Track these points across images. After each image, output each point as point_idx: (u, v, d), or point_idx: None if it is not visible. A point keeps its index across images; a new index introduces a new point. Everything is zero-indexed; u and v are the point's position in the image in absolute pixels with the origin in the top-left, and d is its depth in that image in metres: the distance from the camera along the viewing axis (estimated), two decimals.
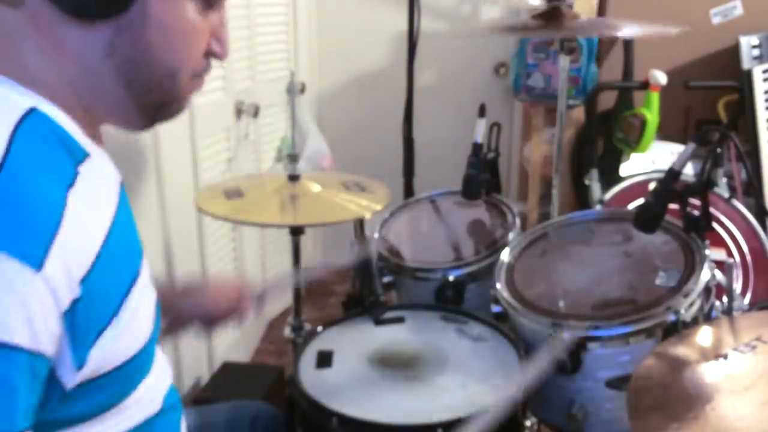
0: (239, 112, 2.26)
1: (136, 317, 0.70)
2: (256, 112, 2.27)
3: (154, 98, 0.71)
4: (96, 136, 0.72)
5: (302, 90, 2.58)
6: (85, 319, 0.61)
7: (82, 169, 0.66)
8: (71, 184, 0.63)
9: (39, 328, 0.56)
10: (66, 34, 0.65)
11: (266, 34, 2.50)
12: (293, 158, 1.67)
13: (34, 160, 0.61)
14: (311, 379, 1.08)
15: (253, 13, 2.39)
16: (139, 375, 0.74)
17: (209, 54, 0.74)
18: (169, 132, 1.74)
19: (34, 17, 0.64)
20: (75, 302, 0.60)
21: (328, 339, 1.21)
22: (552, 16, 1.50)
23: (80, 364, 0.62)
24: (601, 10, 2.47)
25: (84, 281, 0.60)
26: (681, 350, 0.93)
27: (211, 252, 2.14)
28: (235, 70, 2.26)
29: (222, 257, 2.25)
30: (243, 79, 2.34)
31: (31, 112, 0.63)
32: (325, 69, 2.99)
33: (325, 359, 1.14)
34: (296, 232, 1.69)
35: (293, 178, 1.64)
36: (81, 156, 0.67)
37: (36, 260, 0.56)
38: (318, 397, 1.02)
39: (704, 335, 0.96)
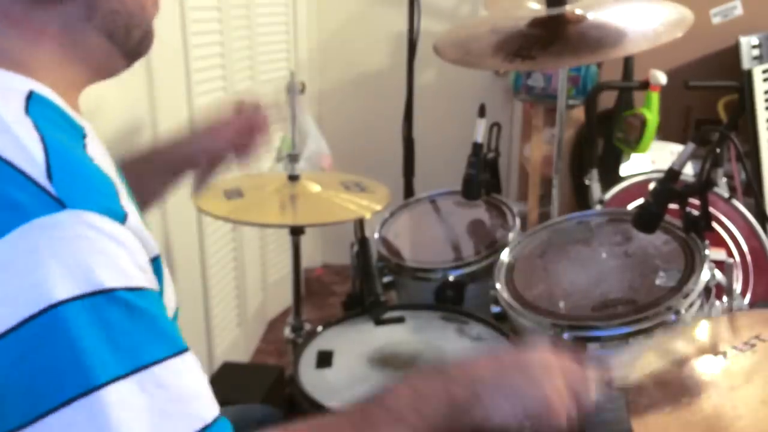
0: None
1: (170, 285, 0.73)
2: None
3: (132, 37, 0.73)
4: (76, 108, 0.73)
5: (302, 90, 2.57)
6: (159, 269, 0.65)
7: (87, 142, 0.67)
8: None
9: (147, 270, 0.60)
10: (43, 19, 0.66)
11: (266, 34, 2.50)
12: (293, 158, 1.67)
13: (60, 135, 0.62)
14: (311, 379, 1.08)
15: (253, 13, 2.39)
16: None
17: None
18: (169, 131, 1.75)
19: (5, 15, 0.65)
20: (156, 251, 0.64)
21: (328, 339, 1.21)
22: (554, 24, 1.31)
23: None
24: None
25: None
26: (680, 347, 0.93)
27: (211, 252, 2.14)
28: (235, 70, 2.26)
29: (222, 257, 2.25)
30: (243, 79, 2.34)
31: (31, 95, 0.63)
32: (325, 69, 2.99)
33: (325, 359, 1.14)
34: (296, 232, 1.69)
35: (293, 178, 1.64)
36: (82, 132, 0.68)
37: (119, 215, 0.59)
38: (318, 397, 1.02)
39: (703, 333, 0.96)
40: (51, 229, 0.54)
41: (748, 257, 1.62)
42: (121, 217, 0.59)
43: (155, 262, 0.64)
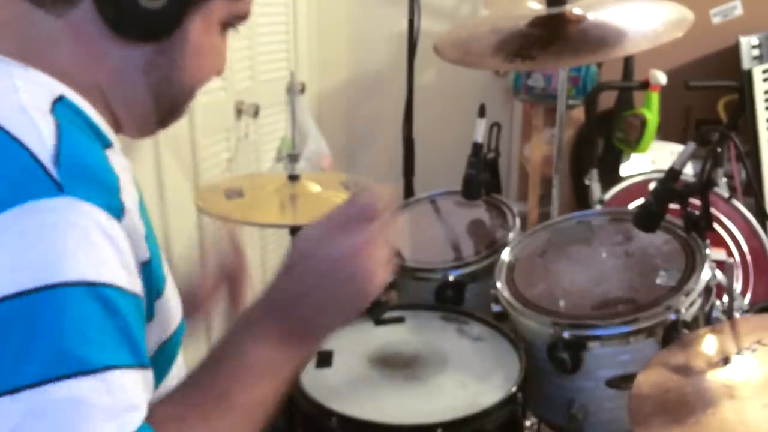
0: (239, 112, 2.26)
1: (174, 292, 0.74)
2: (256, 112, 2.27)
3: (172, 110, 0.76)
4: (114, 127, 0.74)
5: (302, 90, 2.58)
6: (153, 275, 0.66)
7: (109, 153, 0.68)
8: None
9: (133, 272, 0.60)
10: (106, 49, 0.67)
11: (266, 34, 2.50)
12: (293, 158, 1.67)
13: (78, 132, 0.63)
14: (311, 379, 1.08)
15: (253, 13, 2.38)
16: (171, 359, 0.77)
17: None
18: (169, 132, 1.74)
19: (75, 29, 0.66)
20: (149, 256, 0.65)
21: (328, 339, 1.20)
22: (554, 24, 1.32)
23: (150, 315, 0.66)
24: None
25: (146, 238, 0.65)
26: (682, 355, 0.93)
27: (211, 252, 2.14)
28: (235, 70, 2.26)
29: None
30: (243, 79, 2.34)
31: (61, 98, 0.64)
32: (325, 69, 2.99)
33: (325, 359, 1.14)
34: (296, 232, 1.69)
35: (293, 178, 1.64)
36: (108, 142, 0.69)
37: (118, 211, 0.59)
38: (318, 397, 1.02)
39: (705, 340, 0.96)
40: (45, 213, 0.54)
41: (748, 257, 1.62)
42: (119, 212, 0.59)
43: (145, 267, 0.64)
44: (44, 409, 0.52)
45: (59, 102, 0.64)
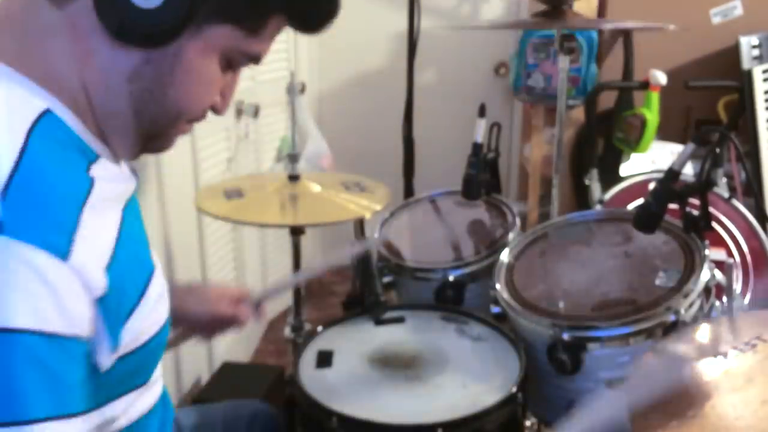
0: (239, 112, 2.26)
1: (161, 300, 0.74)
2: (256, 112, 2.27)
3: (152, 131, 0.72)
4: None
5: (302, 90, 2.58)
6: (116, 304, 0.64)
7: (94, 167, 0.67)
8: (87, 180, 0.65)
9: (73, 315, 0.58)
10: (98, 47, 0.65)
11: None
12: (293, 158, 1.67)
13: (50, 157, 0.62)
14: (311, 379, 1.08)
15: None
16: (156, 356, 0.77)
17: (211, 106, 0.76)
18: None
19: (72, 21, 0.65)
20: (105, 289, 0.61)
21: (328, 339, 1.21)
22: (553, 14, 1.48)
23: (115, 345, 0.65)
24: (601, 11, 2.47)
25: (109, 268, 0.62)
26: (680, 348, 0.93)
27: (211, 252, 2.14)
28: None
29: (222, 257, 2.25)
30: (243, 79, 2.33)
31: (45, 113, 0.64)
32: (325, 69, 2.99)
33: (325, 359, 1.14)
34: (296, 232, 1.69)
35: (293, 178, 1.64)
36: (93, 156, 0.68)
37: (63, 250, 0.57)
38: (318, 397, 1.02)
39: (704, 334, 0.96)
40: None
41: (748, 257, 1.62)
42: (64, 254, 0.57)
43: (101, 300, 0.62)
44: None
45: (43, 117, 0.63)
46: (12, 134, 0.60)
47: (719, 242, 1.62)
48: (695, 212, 1.14)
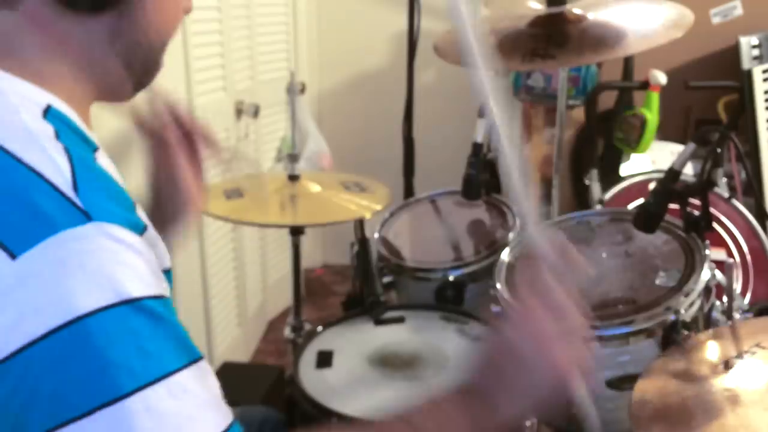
0: (239, 112, 2.26)
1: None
2: (256, 112, 2.27)
3: (147, 70, 0.74)
4: (87, 122, 0.73)
5: (302, 90, 2.58)
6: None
7: (98, 157, 0.68)
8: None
9: (161, 279, 0.62)
10: (68, 29, 0.65)
11: (266, 34, 2.50)
12: (293, 158, 1.67)
13: (79, 146, 0.63)
14: (311, 379, 1.08)
15: (253, 13, 2.39)
16: None
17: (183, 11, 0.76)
18: None
19: (32, 17, 0.64)
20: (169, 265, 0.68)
21: (328, 339, 1.21)
22: (553, 23, 1.31)
23: None
24: None
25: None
26: (683, 361, 0.93)
27: (211, 252, 2.14)
28: (235, 70, 2.26)
29: (222, 257, 2.25)
30: (243, 79, 2.34)
31: (48, 109, 0.64)
32: (325, 69, 2.99)
33: (325, 359, 1.14)
34: (296, 232, 1.69)
35: (293, 178, 1.64)
36: (94, 146, 0.69)
37: (140, 227, 0.61)
38: (318, 397, 1.02)
39: (705, 345, 0.96)
40: (77, 241, 0.55)
41: (748, 257, 1.62)
42: (141, 229, 0.61)
43: (167, 274, 0.66)
44: (130, 424, 0.53)
45: (47, 114, 0.63)
46: (47, 137, 0.60)
47: (719, 242, 1.61)
48: (696, 212, 1.14)
